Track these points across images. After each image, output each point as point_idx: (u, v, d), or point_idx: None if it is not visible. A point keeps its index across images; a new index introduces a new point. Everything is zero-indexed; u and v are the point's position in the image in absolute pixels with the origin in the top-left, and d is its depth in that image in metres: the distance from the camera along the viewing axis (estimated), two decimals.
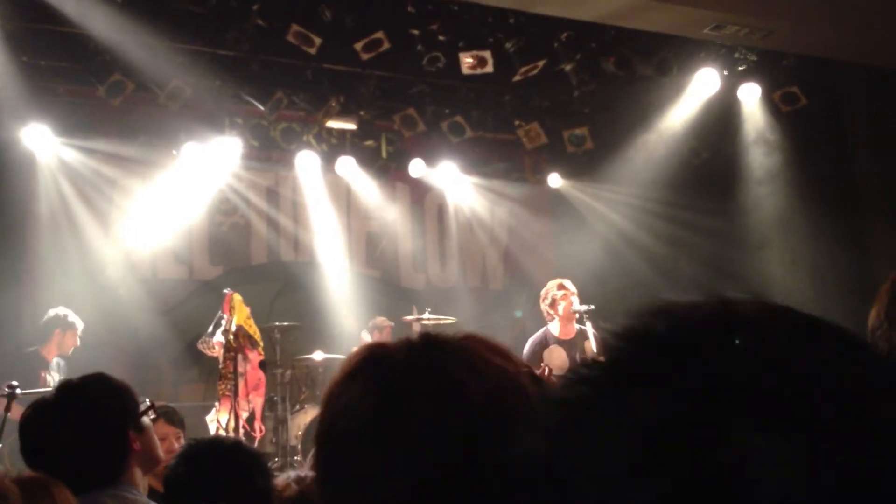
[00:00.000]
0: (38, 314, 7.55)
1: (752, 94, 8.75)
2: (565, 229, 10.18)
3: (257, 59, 7.80)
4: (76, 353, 6.75)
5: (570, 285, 6.50)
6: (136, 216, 8.51)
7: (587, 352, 6.39)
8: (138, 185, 8.58)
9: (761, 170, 9.26)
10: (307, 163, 9.04)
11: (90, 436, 2.46)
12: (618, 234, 9.90)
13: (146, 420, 2.66)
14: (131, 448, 2.54)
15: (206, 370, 7.99)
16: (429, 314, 7.95)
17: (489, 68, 7.73)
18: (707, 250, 9.45)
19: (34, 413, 2.55)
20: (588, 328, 6.34)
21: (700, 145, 9.42)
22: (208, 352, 6.66)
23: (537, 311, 6.89)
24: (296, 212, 9.51)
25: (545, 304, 6.52)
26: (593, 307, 6.41)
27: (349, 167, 9.19)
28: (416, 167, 9.44)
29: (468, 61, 7.65)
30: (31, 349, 6.76)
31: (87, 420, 2.49)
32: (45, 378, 6.60)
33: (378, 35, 7.31)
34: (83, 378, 2.64)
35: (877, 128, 9.02)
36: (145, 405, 2.71)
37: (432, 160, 9.46)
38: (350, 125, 8.92)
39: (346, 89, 8.36)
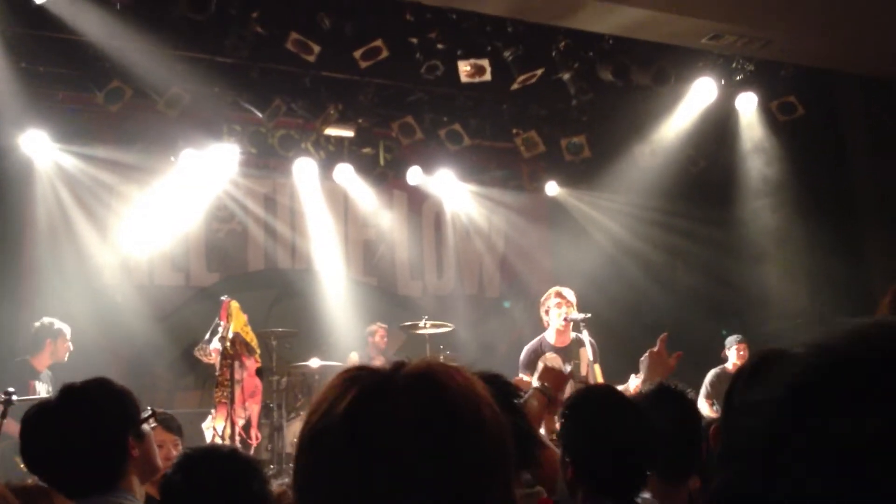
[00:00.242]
0: (36, 320, 7.54)
1: (749, 103, 8.78)
2: (562, 237, 10.19)
3: (256, 66, 7.80)
4: (72, 359, 6.73)
5: (569, 294, 6.48)
6: (134, 222, 8.51)
7: (582, 360, 6.38)
8: (136, 192, 8.58)
9: (759, 179, 9.28)
10: (305, 170, 9.04)
11: (91, 440, 2.45)
12: (615, 242, 9.92)
13: (146, 427, 2.65)
14: (130, 455, 2.53)
15: (203, 377, 7.98)
16: (426, 321, 7.94)
17: (487, 77, 7.74)
18: (704, 259, 9.47)
19: (36, 416, 2.54)
20: (584, 336, 6.33)
21: (697, 154, 9.44)
22: (205, 359, 6.65)
23: (535, 318, 6.88)
24: (293, 219, 9.51)
25: (542, 312, 6.51)
26: (590, 315, 6.40)
27: (347, 174, 9.19)
28: (413, 175, 9.45)
29: (466, 69, 7.66)
30: (20, 359, 6.72)
31: (89, 424, 2.47)
32: (34, 387, 6.57)
33: (377, 43, 7.32)
34: (85, 382, 2.62)
35: (874, 137, 9.05)
36: (147, 412, 2.70)
37: (430, 168, 9.47)
38: (348, 132, 8.93)
39: (344, 97, 8.36)
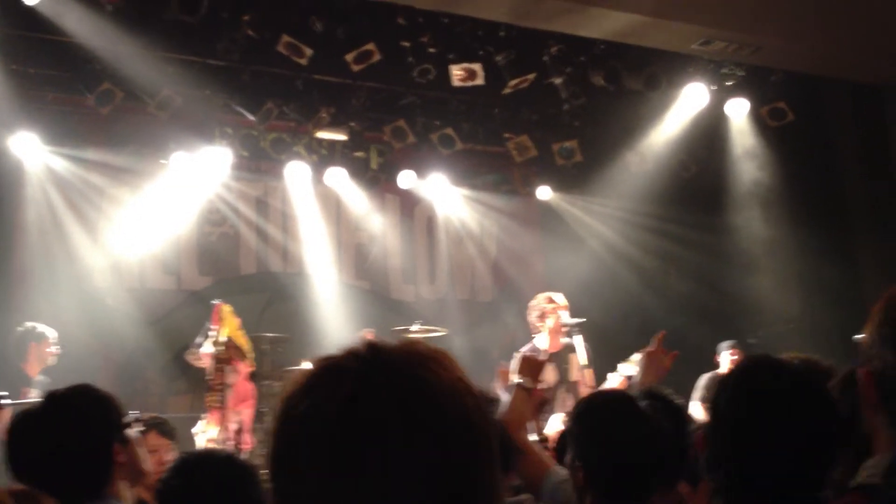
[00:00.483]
0: (23, 321, 7.49)
1: (739, 109, 8.81)
2: (554, 242, 10.19)
3: (248, 69, 7.79)
4: (62, 363, 6.68)
5: (560, 299, 6.49)
6: (125, 225, 8.47)
7: (572, 365, 6.38)
8: (127, 195, 8.55)
9: (749, 184, 9.31)
10: (297, 173, 9.03)
11: (75, 447, 2.44)
12: (607, 246, 9.92)
13: (131, 432, 2.64)
14: (116, 460, 2.52)
15: (194, 381, 7.94)
16: (418, 326, 7.93)
17: (479, 81, 7.74)
18: (696, 263, 9.49)
19: (20, 423, 2.53)
20: (577, 341, 6.32)
21: (689, 159, 9.46)
22: (196, 363, 6.63)
23: (525, 324, 6.87)
24: (285, 222, 9.49)
25: (534, 317, 6.51)
26: (584, 320, 6.40)
27: (339, 178, 9.18)
28: (405, 179, 9.44)
29: (458, 73, 7.66)
30: (14, 367, 6.65)
31: (73, 431, 2.46)
32: (27, 394, 6.52)
33: (369, 46, 7.32)
34: (69, 389, 2.62)
35: (864, 142, 9.09)
36: (131, 417, 2.69)
37: (422, 172, 9.47)
38: (340, 136, 8.91)
39: (336, 100, 8.36)
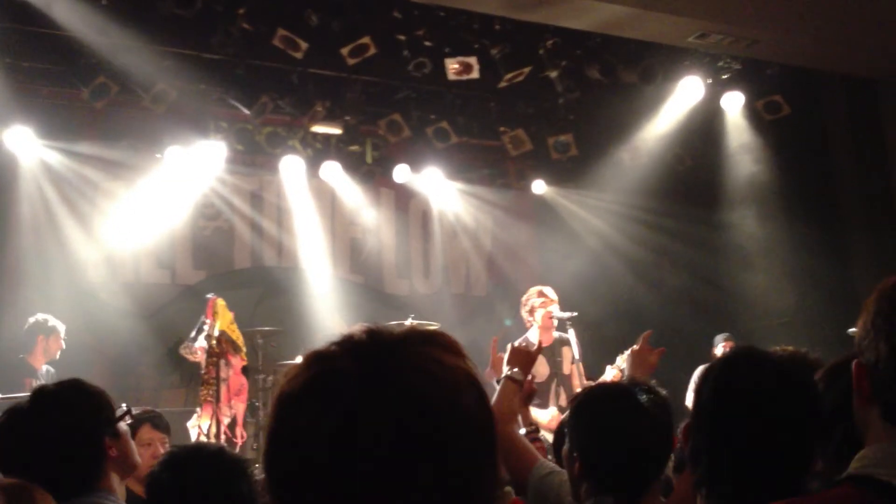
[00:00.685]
0: (20, 318, 7.47)
1: (735, 102, 8.81)
2: (549, 236, 10.20)
3: (243, 62, 7.77)
4: (56, 359, 6.69)
5: (551, 293, 6.49)
6: (119, 219, 8.45)
7: (565, 358, 6.38)
8: (122, 189, 8.53)
9: (744, 178, 9.32)
10: (292, 167, 9.01)
11: (65, 442, 2.43)
12: (601, 240, 9.93)
13: (122, 426, 2.64)
14: (107, 454, 2.51)
15: (188, 375, 7.94)
16: (412, 320, 7.93)
17: (475, 74, 7.74)
18: (690, 257, 9.50)
19: (8, 419, 2.52)
20: (570, 335, 6.33)
21: (684, 153, 9.46)
22: (190, 357, 6.63)
23: (520, 317, 6.87)
24: (280, 216, 9.48)
25: (525, 311, 6.51)
26: (576, 314, 6.40)
27: (334, 172, 9.17)
28: (400, 172, 9.43)
29: (454, 67, 7.66)
30: (17, 357, 6.65)
31: (63, 426, 2.46)
32: (31, 385, 6.53)
33: (364, 40, 7.30)
34: (58, 384, 2.61)
35: (858, 137, 9.10)
36: (121, 410, 2.68)
37: (417, 166, 9.46)
38: (335, 130, 8.90)
39: (331, 94, 8.34)
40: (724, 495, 1.75)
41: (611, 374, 5.83)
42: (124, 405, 2.74)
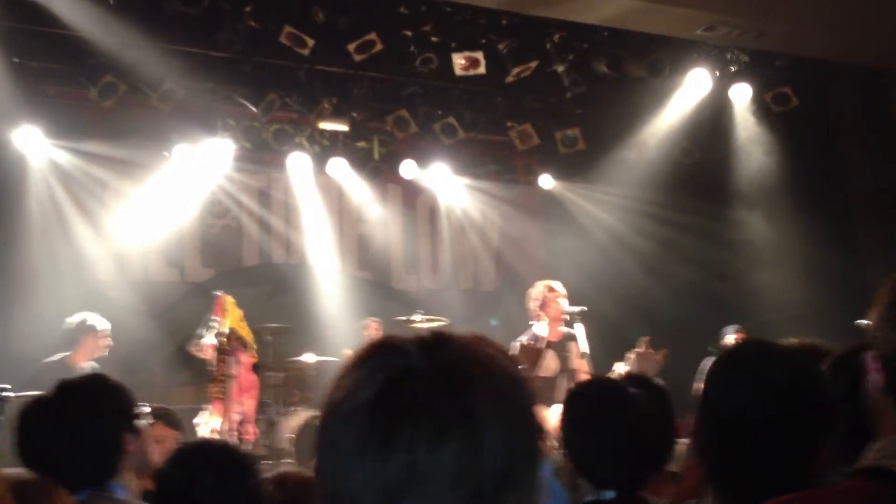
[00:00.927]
0: (30, 316, 7.52)
1: (743, 94, 8.78)
2: (557, 230, 10.18)
3: (250, 60, 7.77)
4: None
5: (559, 287, 6.48)
6: (128, 218, 8.48)
7: (572, 353, 6.37)
8: (130, 187, 8.55)
9: (753, 171, 9.28)
10: (299, 164, 9.02)
11: (87, 436, 2.46)
12: (609, 235, 9.91)
13: (142, 423, 2.66)
14: (125, 450, 2.53)
15: (198, 373, 7.95)
16: (420, 316, 7.93)
17: (482, 69, 7.73)
18: (698, 251, 9.48)
19: (32, 410, 2.55)
20: (577, 329, 6.32)
21: (692, 146, 9.44)
22: (198, 354, 6.64)
23: (528, 313, 6.86)
24: (288, 214, 9.49)
25: (533, 305, 6.49)
26: (585, 308, 6.40)
27: (341, 169, 9.18)
28: (407, 168, 9.43)
29: (461, 62, 7.65)
30: (56, 357, 6.47)
31: (85, 420, 2.48)
32: None
33: (371, 36, 7.30)
34: (82, 378, 2.64)
35: (867, 128, 9.06)
36: (142, 408, 2.70)
37: (424, 162, 9.46)
38: (342, 126, 8.90)
39: (338, 91, 8.35)
40: (735, 488, 1.74)
41: (621, 371, 5.82)
42: (145, 405, 2.77)
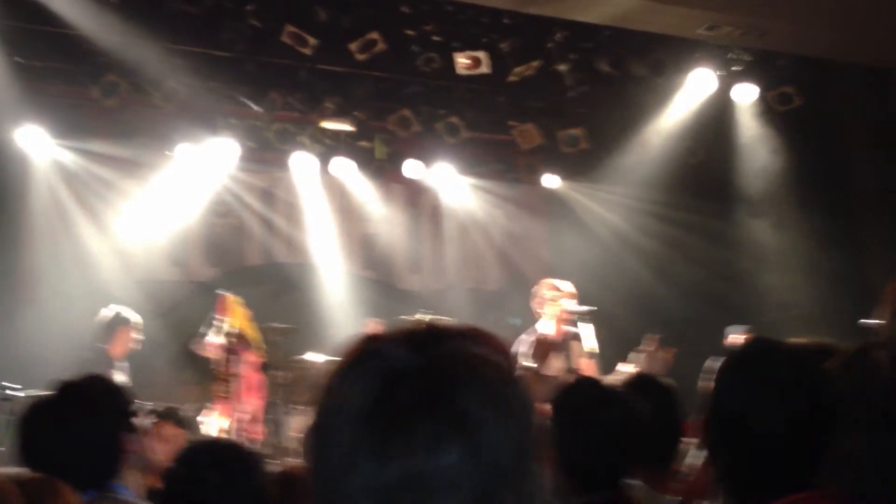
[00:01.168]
0: (35, 316, 7.54)
1: (746, 94, 8.76)
2: (560, 230, 10.18)
3: (252, 59, 7.78)
4: (71, 355, 6.69)
5: (566, 286, 6.44)
6: (132, 218, 8.49)
7: (573, 353, 6.34)
8: (133, 187, 8.56)
9: (757, 170, 9.26)
10: (302, 164, 9.03)
11: (87, 436, 2.46)
12: (613, 234, 9.90)
13: (141, 422, 2.66)
14: (126, 450, 2.54)
15: (202, 372, 7.95)
16: (424, 315, 7.92)
17: (484, 69, 7.72)
18: (703, 250, 9.46)
19: (33, 412, 2.55)
20: (586, 329, 6.29)
21: (695, 145, 9.42)
22: (201, 352, 6.65)
23: (532, 312, 6.84)
24: (291, 213, 9.50)
25: (536, 303, 6.47)
26: (595, 308, 6.35)
27: (344, 168, 9.18)
28: (411, 168, 9.43)
29: (463, 62, 7.65)
30: (97, 347, 6.73)
31: (85, 420, 2.49)
32: (110, 376, 6.59)
33: (373, 35, 7.30)
34: (80, 379, 2.65)
35: (871, 127, 9.03)
36: (141, 407, 2.71)
37: (428, 161, 9.45)
38: (345, 126, 8.90)
39: (341, 90, 8.34)
40: (744, 488, 1.73)
41: (627, 371, 5.82)
42: (146, 403, 2.77)
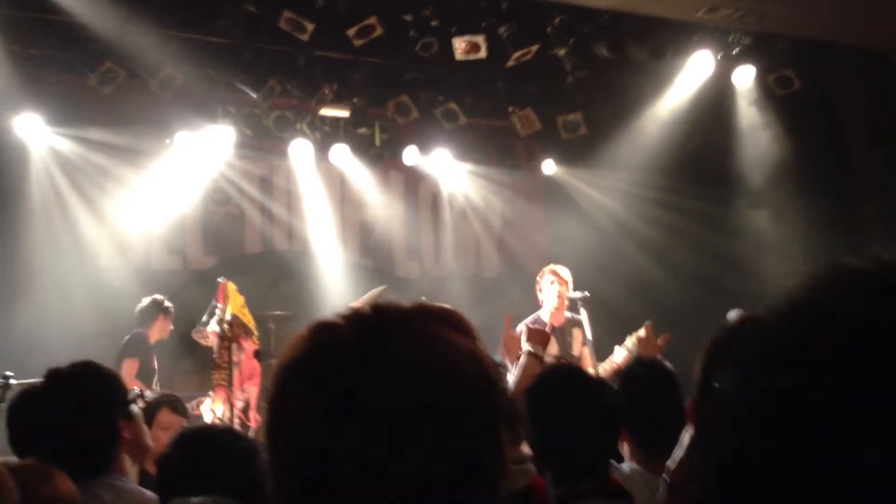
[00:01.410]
0: (33, 305, 7.52)
1: (746, 77, 8.73)
2: (560, 216, 10.15)
3: (249, 46, 7.74)
4: (68, 344, 6.68)
5: (564, 272, 6.45)
6: (130, 206, 8.46)
7: (576, 340, 6.35)
8: (132, 175, 8.52)
9: (756, 154, 9.24)
10: (300, 151, 8.99)
11: (79, 424, 2.45)
12: (612, 220, 9.88)
13: (135, 408, 2.65)
14: (120, 436, 2.52)
15: (201, 360, 7.96)
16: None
17: (482, 54, 7.68)
18: (701, 235, 9.44)
19: (22, 401, 2.53)
20: (582, 316, 6.29)
21: (694, 130, 9.39)
22: (202, 341, 6.64)
23: (533, 298, 6.83)
24: (290, 201, 9.46)
25: (538, 290, 6.48)
26: (588, 294, 6.36)
27: (343, 155, 9.14)
28: (409, 155, 9.39)
29: (461, 47, 7.61)
30: (137, 331, 7.07)
31: (76, 408, 2.47)
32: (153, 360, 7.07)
33: (370, 21, 7.26)
34: (72, 366, 2.62)
35: (871, 111, 9.00)
36: (134, 393, 2.69)
37: (426, 147, 9.41)
38: (343, 112, 8.86)
39: (338, 76, 8.31)
40: None
41: (620, 355, 5.81)
42: (136, 388, 2.75)
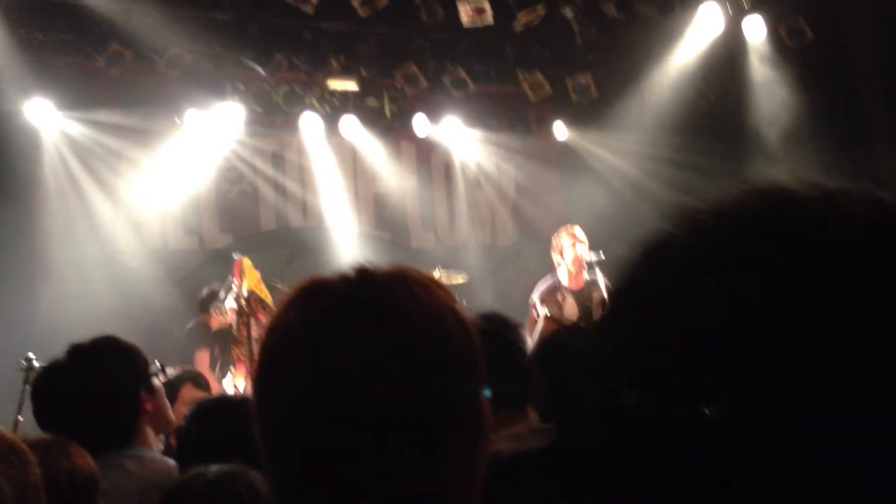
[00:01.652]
0: (50, 289, 7.58)
1: (756, 28, 8.60)
2: (573, 179, 10.10)
3: (254, 21, 7.71)
4: (89, 326, 6.70)
5: (579, 233, 6.43)
6: (143, 187, 8.48)
7: (595, 302, 6.34)
8: (143, 156, 8.54)
9: (769, 110, 9.13)
10: (311, 126, 8.98)
11: (102, 397, 2.48)
12: (626, 181, 9.81)
13: (156, 381, 2.68)
14: (143, 409, 2.56)
15: (222, 338, 8.01)
16: (439, 272, 7.90)
17: (489, 19, 7.62)
18: (717, 194, 9.36)
19: (45, 376, 2.57)
20: (598, 277, 6.28)
21: (706, 87, 9.29)
22: (221, 317, 6.69)
23: (549, 264, 6.82)
24: (302, 176, 9.47)
25: (554, 253, 6.47)
26: (603, 257, 6.33)
27: (353, 128, 9.12)
28: (420, 125, 9.35)
29: (467, 12, 7.54)
30: (199, 318, 7.23)
31: (99, 382, 2.50)
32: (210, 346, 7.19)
33: None
34: (93, 340, 2.66)
35: (886, 62, 8.86)
36: (156, 367, 2.72)
37: (436, 116, 9.38)
38: (351, 84, 8.83)
39: (345, 48, 8.28)
40: None
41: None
42: (158, 362, 2.78)
